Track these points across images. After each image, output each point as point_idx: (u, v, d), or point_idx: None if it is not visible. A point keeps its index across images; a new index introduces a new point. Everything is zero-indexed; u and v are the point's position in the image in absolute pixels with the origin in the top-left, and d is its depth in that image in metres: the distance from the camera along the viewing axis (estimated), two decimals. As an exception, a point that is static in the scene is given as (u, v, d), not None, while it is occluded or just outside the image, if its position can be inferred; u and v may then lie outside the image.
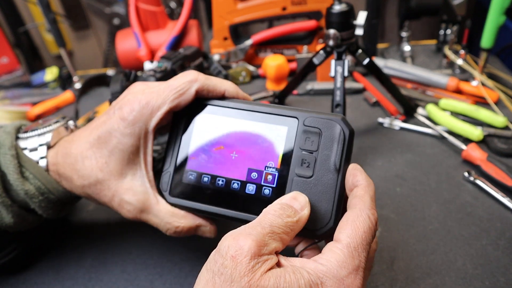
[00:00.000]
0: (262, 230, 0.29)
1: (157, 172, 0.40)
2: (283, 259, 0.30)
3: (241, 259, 0.27)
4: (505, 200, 0.51)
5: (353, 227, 0.30)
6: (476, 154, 0.56)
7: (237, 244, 0.27)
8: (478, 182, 0.54)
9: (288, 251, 0.32)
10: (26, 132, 0.42)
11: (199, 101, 0.39)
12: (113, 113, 0.38)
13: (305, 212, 0.32)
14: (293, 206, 0.31)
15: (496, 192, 0.52)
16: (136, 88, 0.39)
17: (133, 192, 0.38)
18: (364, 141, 0.64)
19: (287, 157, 0.35)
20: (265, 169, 0.36)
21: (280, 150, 0.36)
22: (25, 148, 0.41)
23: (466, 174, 0.55)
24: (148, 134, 0.38)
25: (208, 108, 0.38)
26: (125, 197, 0.38)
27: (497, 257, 0.45)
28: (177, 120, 0.39)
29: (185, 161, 0.38)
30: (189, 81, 0.37)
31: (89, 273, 0.47)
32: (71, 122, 0.45)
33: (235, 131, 0.37)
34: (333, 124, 0.34)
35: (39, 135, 0.42)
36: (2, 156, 0.39)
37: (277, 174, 0.35)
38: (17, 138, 0.42)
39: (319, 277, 0.28)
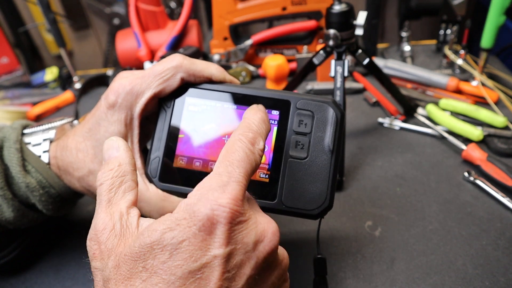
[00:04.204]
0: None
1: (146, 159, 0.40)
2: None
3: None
4: (505, 200, 0.51)
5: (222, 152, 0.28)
6: (476, 154, 0.56)
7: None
8: (478, 182, 0.54)
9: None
10: (31, 128, 0.43)
11: (187, 86, 0.38)
12: (100, 103, 0.38)
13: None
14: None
15: (496, 192, 0.52)
16: (121, 75, 0.38)
17: None
18: (364, 141, 0.64)
19: (280, 139, 0.36)
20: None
21: (273, 133, 0.36)
22: (29, 143, 0.42)
23: (466, 174, 0.55)
24: (133, 120, 0.38)
25: (197, 92, 0.38)
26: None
27: (497, 257, 0.45)
28: (165, 105, 0.38)
29: (174, 146, 0.38)
30: (174, 67, 0.36)
31: (89, 273, 0.47)
32: (76, 122, 0.46)
33: (226, 114, 0.37)
34: (325, 107, 0.35)
35: (43, 130, 0.43)
36: (7, 149, 0.40)
37: (271, 156, 0.36)
38: (23, 134, 0.43)
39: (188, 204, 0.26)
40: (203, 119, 0.37)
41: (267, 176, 0.36)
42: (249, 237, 0.26)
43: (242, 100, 0.37)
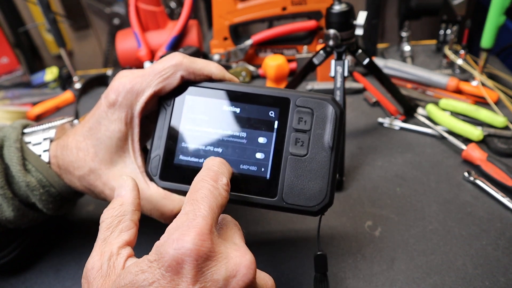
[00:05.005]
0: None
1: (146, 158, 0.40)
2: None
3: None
4: (505, 200, 0.51)
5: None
6: (476, 154, 0.56)
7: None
8: (478, 182, 0.54)
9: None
10: (32, 128, 0.43)
11: (187, 84, 0.38)
12: (101, 102, 0.38)
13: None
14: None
15: (496, 192, 0.52)
16: (122, 74, 0.38)
17: None
18: (364, 141, 0.64)
19: (281, 137, 0.36)
20: (259, 149, 0.36)
21: (273, 130, 0.36)
22: (29, 142, 0.42)
23: (466, 174, 0.55)
24: (134, 118, 0.38)
25: (197, 90, 0.38)
26: (115, 185, 0.38)
27: (497, 257, 0.45)
28: (165, 104, 0.39)
29: (175, 144, 0.38)
30: (173, 65, 0.37)
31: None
32: (76, 121, 0.46)
33: (227, 112, 0.37)
34: (324, 104, 0.35)
35: (43, 130, 0.43)
36: (7, 148, 0.40)
37: (271, 153, 0.36)
38: (23, 133, 0.43)
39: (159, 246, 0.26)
40: (203, 117, 0.37)
41: (267, 173, 0.36)
42: (219, 274, 0.25)
43: (242, 98, 0.37)
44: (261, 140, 0.36)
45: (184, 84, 0.38)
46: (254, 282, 0.27)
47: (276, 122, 0.36)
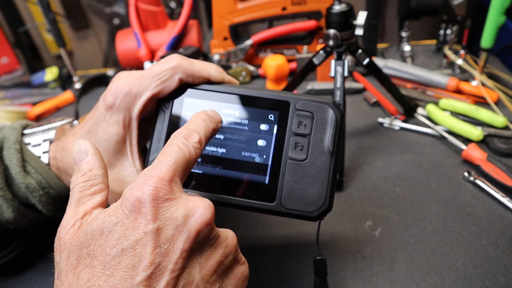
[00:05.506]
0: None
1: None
2: None
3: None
4: (505, 200, 0.51)
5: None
6: (476, 154, 0.56)
7: None
8: (478, 182, 0.54)
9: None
10: (31, 129, 0.43)
11: (185, 87, 0.38)
12: (99, 105, 0.38)
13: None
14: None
15: (496, 192, 0.52)
16: (120, 76, 0.38)
17: (121, 182, 0.38)
18: (364, 141, 0.64)
19: (280, 141, 0.36)
20: (258, 153, 0.36)
21: (273, 134, 0.36)
22: (29, 144, 0.42)
23: (466, 174, 0.55)
24: (132, 121, 0.38)
25: (195, 93, 0.38)
26: (113, 188, 0.38)
27: (497, 257, 0.45)
28: (163, 106, 0.38)
29: None
30: (172, 68, 0.36)
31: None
32: (76, 122, 0.46)
33: (226, 115, 0.37)
34: (325, 108, 0.35)
35: (43, 131, 0.43)
36: (7, 150, 0.40)
37: (271, 157, 0.35)
38: (23, 134, 0.43)
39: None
40: None
41: (266, 178, 0.36)
42: (178, 212, 0.27)
43: (241, 101, 0.37)
44: (260, 143, 0.36)
45: (183, 86, 0.38)
46: (212, 224, 0.28)
47: (275, 126, 0.36)
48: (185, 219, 0.27)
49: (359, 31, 0.55)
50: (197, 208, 0.28)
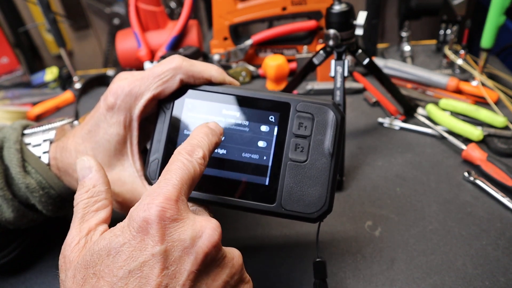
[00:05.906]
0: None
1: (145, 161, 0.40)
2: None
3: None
4: (505, 200, 0.51)
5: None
6: (476, 154, 0.56)
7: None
8: (478, 182, 0.54)
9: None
10: (31, 129, 0.43)
11: (186, 87, 0.38)
12: (100, 105, 0.38)
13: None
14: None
15: (496, 192, 0.52)
16: (121, 77, 0.38)
17: (121, 183, 0.38)
18: (364, 141, 0.64)
19: (280, 142, 0.35)
20: (258, 155, 0.36)
21: (273, 135, 0.36)
22: (29, 144, 0.42)
23: (466, 174, 0.55)
24: (132, 122, 0.38)
25: (196, 93, 0.38)
26: (113, 188, 0.38)
27: (497, 257, 0.45)
28: (164, 107, 0.38)
29: (174, 148, 0.38)
30: (173, 68, 0.36)
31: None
32: (76, 122, 0.46)
33: (226, 116, 0.37)
34: (325, 110, 0.35)
35: (43, 131, 0.43)
36: (7, 150, 0.40)
37: (271, 159, 0.35)
38: (23, 134, 0.43)
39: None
40: (202, 121, 0.37)
41: (265, 179, 0.35)
42: (186, 234, 0.27)
43: (241, 102, 0.37)
44: (261, 144, 0.36)
45: (183, 87, 0.38)
46: (219, 245, 0.28)
47: (276, 127, 0.36)
48: (193, 241, 0.27)
49: (359, 31, 0.55)
50: (205, 230, 0.28)
